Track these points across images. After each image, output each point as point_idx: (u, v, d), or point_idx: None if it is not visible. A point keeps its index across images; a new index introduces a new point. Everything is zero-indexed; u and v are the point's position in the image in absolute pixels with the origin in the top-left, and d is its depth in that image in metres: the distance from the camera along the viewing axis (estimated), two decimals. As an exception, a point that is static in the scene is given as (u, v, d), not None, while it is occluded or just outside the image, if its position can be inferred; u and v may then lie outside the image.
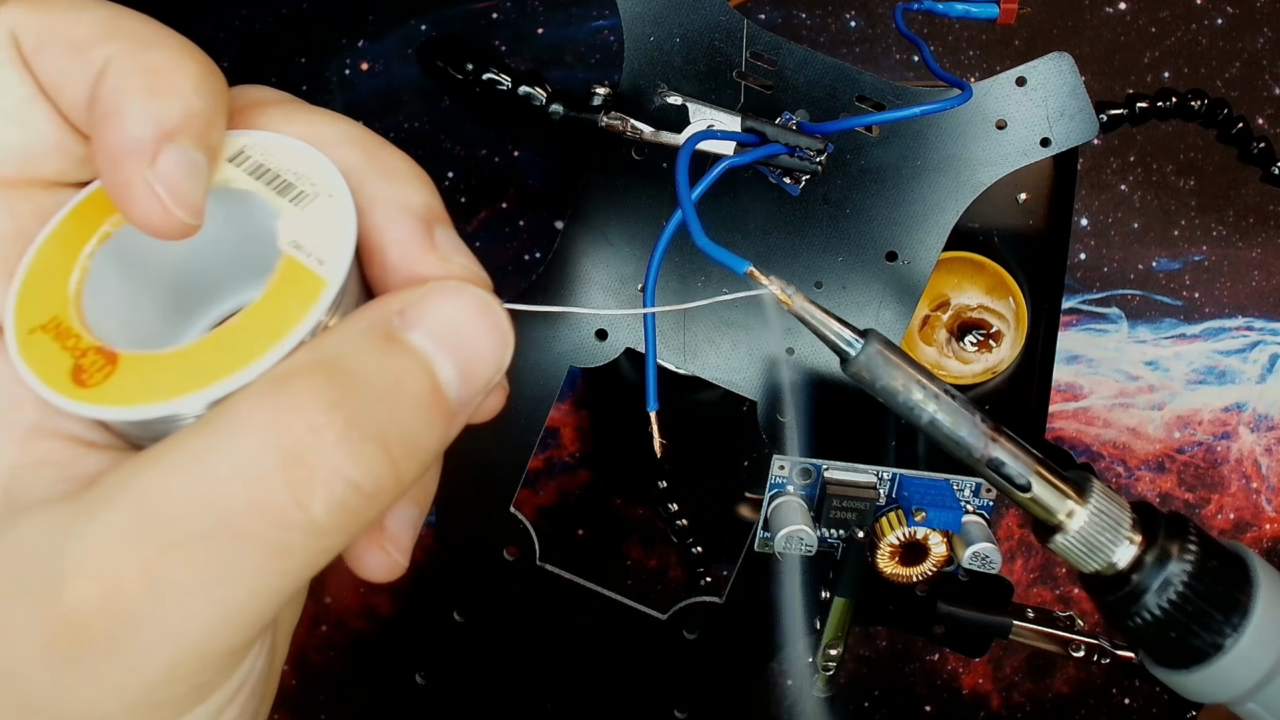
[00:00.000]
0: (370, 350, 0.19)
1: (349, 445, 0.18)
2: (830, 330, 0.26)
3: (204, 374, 0.19)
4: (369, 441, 0.18)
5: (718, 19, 0.36)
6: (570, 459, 0.61)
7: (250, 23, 0.58)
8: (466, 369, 0.20)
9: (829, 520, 0.37)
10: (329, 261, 0.20)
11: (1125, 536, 0.27)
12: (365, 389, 0.19)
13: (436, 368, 0.20)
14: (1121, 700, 0.60)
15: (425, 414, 0.19)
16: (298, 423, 0.18)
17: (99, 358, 0.19)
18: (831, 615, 0.39)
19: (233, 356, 0.19)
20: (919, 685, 0.61)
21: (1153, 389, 0.59)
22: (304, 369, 0.18)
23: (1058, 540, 0.27)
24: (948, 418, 0.26)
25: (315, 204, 0.21)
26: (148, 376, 0.19)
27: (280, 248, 0.21)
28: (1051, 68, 0.36)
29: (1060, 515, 0.27)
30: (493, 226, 0.59)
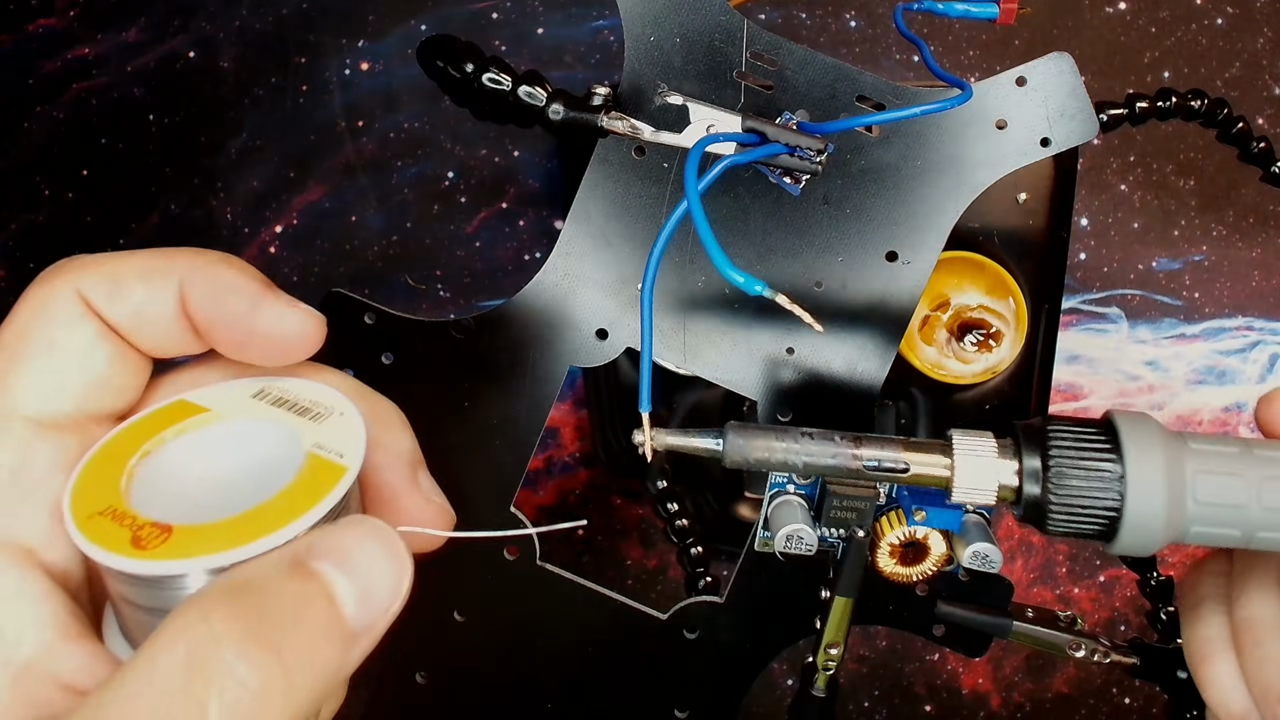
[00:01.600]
0: (279, 575, 0.22)
1: (244, 648, 0.20)
2: (697, 446, 0.30)
3: (250, 535, 0.22)
4: (263, 646, 0.20)
5: (718, 19, 0.36)
6: (570, 459, 0.61)
7: (250, 23, 0.58)
8: (364, 593, 0.22)
9: (829, 520, 0.37)
10: (348, 455, 0.25)
11: (998, 461, 0.29)
12: (268, 606, 0.21)
13: (335, 590, 0.22)
14: (1121, 700, 0.60)
15: (320, 624, 0.22)
16: (202, 631, 0.20)
17: (156, 530, 0.23)
18: (831, 615, 0.39)
19: (271, 523, 0.23)
20: (919, 685, 0.61)
21: (1153, 389, 0.59)
22: (219, 590, 0.21)
23: (954, 494, 0.30)
24: (815, 452, 0.30)
25: (329, 420, 0.26)
26: (198, 542, 0.22)
27: (305, 449, 0.25)
28: (1052, 68, 0.36)
29: (944, 475, 0.30)
30: (493, 226, 0.59)
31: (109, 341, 0.25)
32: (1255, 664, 0.32)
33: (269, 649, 0.20)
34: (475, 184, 0.59)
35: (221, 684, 0.20)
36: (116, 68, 0.58)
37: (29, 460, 0.24)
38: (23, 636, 0.23)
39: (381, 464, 0.28)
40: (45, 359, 0.25)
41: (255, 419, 0.27)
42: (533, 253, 0.59)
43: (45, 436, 0.25)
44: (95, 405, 0.25)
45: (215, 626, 0.20)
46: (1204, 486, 0.28)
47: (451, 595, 0.41)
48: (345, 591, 0.22)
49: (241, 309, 0.26)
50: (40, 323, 0.25)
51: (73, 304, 0.25)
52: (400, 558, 0.23)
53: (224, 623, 0.20)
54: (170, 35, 0.58)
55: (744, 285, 0.28)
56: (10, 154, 0.58)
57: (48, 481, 0.24)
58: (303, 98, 0.59)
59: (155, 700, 0.20)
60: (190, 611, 0.20)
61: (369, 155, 0.59)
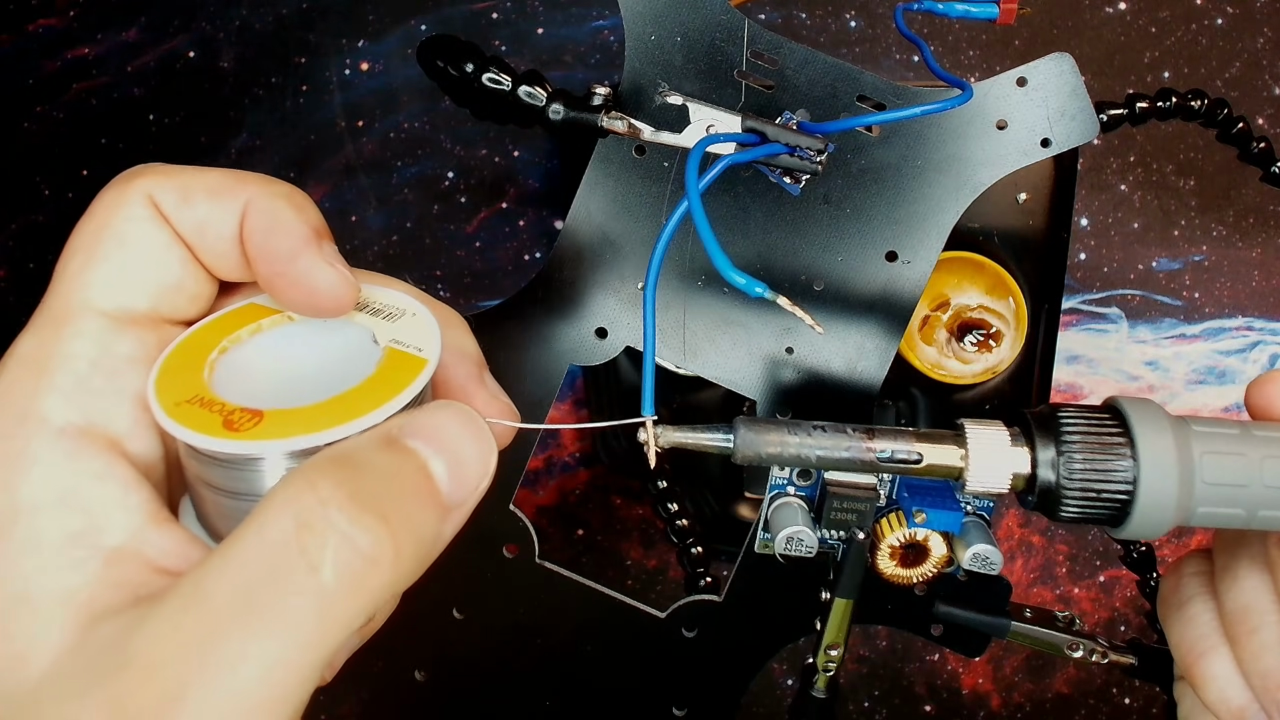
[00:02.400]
0: (375, 449, 0.23)
1: (352, 510, 0.21)
2: (706, 442, 0.29)
3: (340, 418, 0.23)
4: (369, 512, 0.21)
5: (719, 18, 0.36)
6: (570, 459, 0.61)
7: (250, 23, 0.58)
8: (455, 469, 0.24)
9: (829, 521, 0.37)
10: (425, 349, 0.26)
11: (1011, 449, 0.29)
12: (369, 474, 0.22)
13: (430, 464, 0.23)
14: (1121, 700, 0.60)
15: (420, 498, 0.23)
16: (310, 496, 0.21)
17: (246, 414, 0.23)
18: (832, 616, 0.39)
19: (361, 408, 0.23)
20: (919, 685, 0.61)
21: (1153, 389, 0.59)
22: (322, 460, 0.22)
23: (968, 484, 0.30)
24: (828, 445, 0.29)
25: (403, 319, 0.27)
26: (288, 425, 0.23)
27: (383, 344, 0.26)
28: (1052, 68, 0.36)
29: (958, 464, 0.30)
30: (493, 226, 0.59)
31: (179, 247, 0.26)
32: (1253, 653, 0.32)
33: (376, 514, 0.21)
34: (475, 184, 0.59)
35: (334, 544, 0.20)
36: (116, 68, 0.58)
37: (109, 352, 0.24)
38: (113, 519, 0.23)
39: (450, 363, 0.28)
40: (119, 255, 0.25)
41: (329, 318, 0.27)
42: (533, 253, 0.59)
43: (123, 330, 0.25)
44: (168, 307, 0.26)
45: (322, 492, 0.21)
46: (1211, 467, 0.28)
47: (451, 593, 0.41)
48: (438, 466, 0.23)
49: (283, 249, 0.26)
50: (114, 220, 0.25)
51: (144, 207, 0.25)
52: (486, 437, 0.24)
53: (331, 489, 0.21)
54: (170, 35, 0.58)
55: (745, 287, 0.28)
56: (10, 154, 0.58)
57: (129, 374, 0.25)
58: (303, 98, 0.59)
59: (268, 563, 0.20)
60: (296, 480, 0.21)
61: (369, 155, 0.59)
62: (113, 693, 0.20)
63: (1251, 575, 0.32)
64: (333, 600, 0.21)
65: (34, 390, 0.24)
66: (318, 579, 0.20)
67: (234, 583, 0.20)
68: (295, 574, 0.20)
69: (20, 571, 0.22)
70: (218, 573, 0.21)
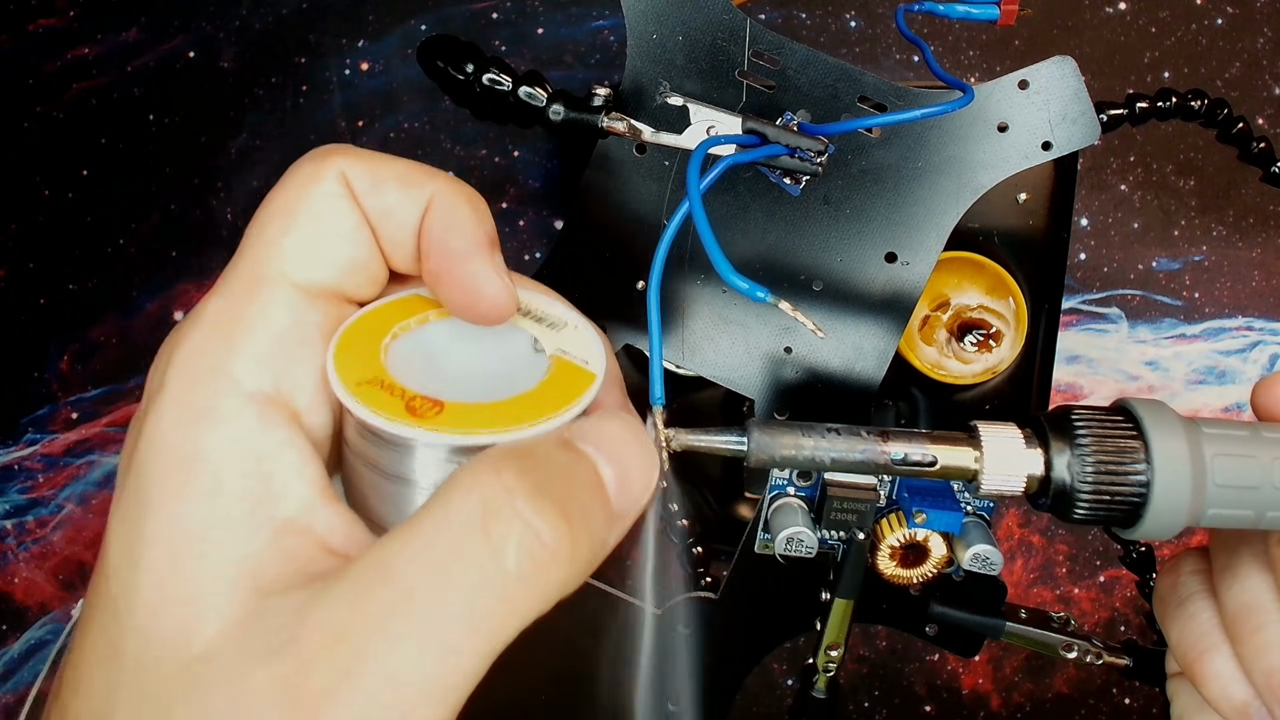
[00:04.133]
0: (553, 448, 0.23)
1: (536, 502, 0.21)
2: (720, 445, 0.29)
3: (519, 419, 0.24)
4: (552, 502, 0.22)
5: (720, 17, 0.36)
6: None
7: (250, 23, 0.58)
8: (623, 477, 0.24)
9: (829, 522, 0.37)
10: (592, 362, 0.27)
11: (1025, 451, 0.29)
12: (549, 468, 0.22)
13: (601, 468, 0.24)
14: (1121, 700, 0.60)
15: (594, 496, 0.23)
16: (495, 483, 0.21)
17: (428, 402, 0.24)
18: (832, 617, 0.39)
19: (536, 411, 0.24)
20: (919, 685, 0.61)
21: (1153, 389, 0.59)
22: (505, 451, 0.22)
23: (983, 486, 0.29)
24: (842, 448, 0.29)
25: (566, 330, 0.28)
26: (468, 419, 0.24)
27: (550, 352, 0.27)
28: (1054, 71, 0.36)
29: (973, 467, 0.29)
30: (493, 226, 0.59)
31: (366, 229, 0.26)
32: (1255, 650, 0.32)
33: (558, 508, 0.22)
34: (475, 184, 0.59)
35: (519, 532, 0.21)
36: (116, 68, 0.58)
37: (301, 321, 0.25)
38: (289, 489, 0.23)
39: (606, 381, 0.29)
40: (314, 228, 0.25)
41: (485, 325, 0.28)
42: (532, 253, 0.59)
43: (312, 302, 0.25)
44: (351, 286, 0.26)
45: (507, 480, 0.21)
46: (1222, 469, 0.29)
47: None
48: (608, 473, 0.24)
49: (458, 248, 0.26)
50: (310, 194, 0.25)
51: (338, 184, 0.26)
52: (652, 451, 0.25)
53: (515, 478, 0.21)
54: (170, 35, 0.58)
55: (747, 291, 0.28)
56: (10, 154, 0.58)
57: (315, 346, 0.25)
58: (303, 98, 0.59)
59: (452, 544, 0.21)
60: (481, 467, 0.22)
61: (369, 155, 0.59)
62: (286, 667, 0.20)
63: (1253, 574, 0.32)
64: (515, 588, 0.21)
65: (227, 350, 0.24)
66: (501, 565, 0.21)
67: (418, 563, 0.21)
68: (480, 558, 0.21)
69: (199, 520, 0.22)
70: (400, 551, 0.21)
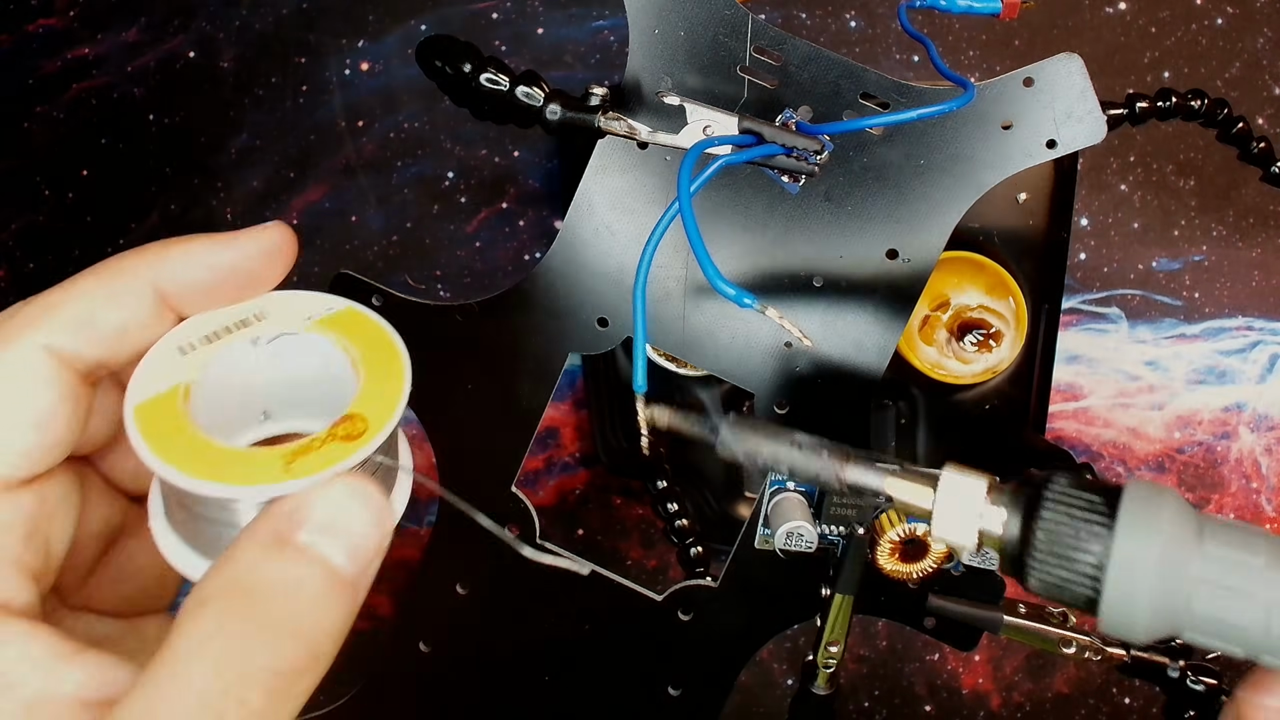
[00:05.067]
0: (271, 562, 0.23)
1: (272, 648, 0.22)
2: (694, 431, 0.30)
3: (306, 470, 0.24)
4: (283, 638, 0.22)
5: (723, 13, 0.36)
6: (570, 459, 0.61)
7: (250, 23, 0.58)
8: (353, 549, 0.24)
9: (829, 517, 0.37)
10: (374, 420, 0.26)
11: (986, 506, 0.27)
12: (273, 601, 0.22)
13: (327, 556, 0.23)
14: (1121, 700, 0.60)
15: (326, 600, 0.23)
16: (228, 645, 0.21)
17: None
18: (832, 612, 0.39)
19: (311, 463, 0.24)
20: (919, 685, 0.60)
21: (1153, 389, 0.59)
22: (222, 595, 0.22)
23: (933, 532, 0.28)
24: (800, 462, 0.29)
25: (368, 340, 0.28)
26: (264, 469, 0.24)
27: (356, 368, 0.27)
28: (1060, 69, 0.36)
29: (927, 508, 0.28)
30: (493, 226, 0.59)
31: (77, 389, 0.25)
32: None
33: (293, 636, 0.22)
34: (475, 184, 0.59)
35: (262, 683, 0.22)
36: (116, 68, 0.58)
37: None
38: (22, 675, 0.23)
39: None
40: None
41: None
42: (532, 253, 0.59)
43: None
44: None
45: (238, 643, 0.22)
46: (1205, 598, 0.25)
47: (455, 569, 0.41)
48: (336, 553, 0.24)
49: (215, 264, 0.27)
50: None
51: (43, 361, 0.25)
52: (375, 504, 0.24)
53: (244, 636, 0.22)
54: (170, 35, 0.58)
55: (734, 298, 0.28)
56: (10, 154, 0.58)
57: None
58: (303, 98, 0.59)
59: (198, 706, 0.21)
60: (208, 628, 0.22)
61: (369, 155, 0.59)
62: None
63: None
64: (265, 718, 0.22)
65: None
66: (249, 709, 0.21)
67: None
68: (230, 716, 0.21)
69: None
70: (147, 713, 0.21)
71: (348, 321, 0.28)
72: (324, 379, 0.28)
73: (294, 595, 0.23)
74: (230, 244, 0.27)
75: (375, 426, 0.25)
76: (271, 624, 0.22)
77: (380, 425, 0.26)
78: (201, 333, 0.27)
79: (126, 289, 0.26)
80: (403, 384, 0.27)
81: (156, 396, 0.25)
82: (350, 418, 0.26)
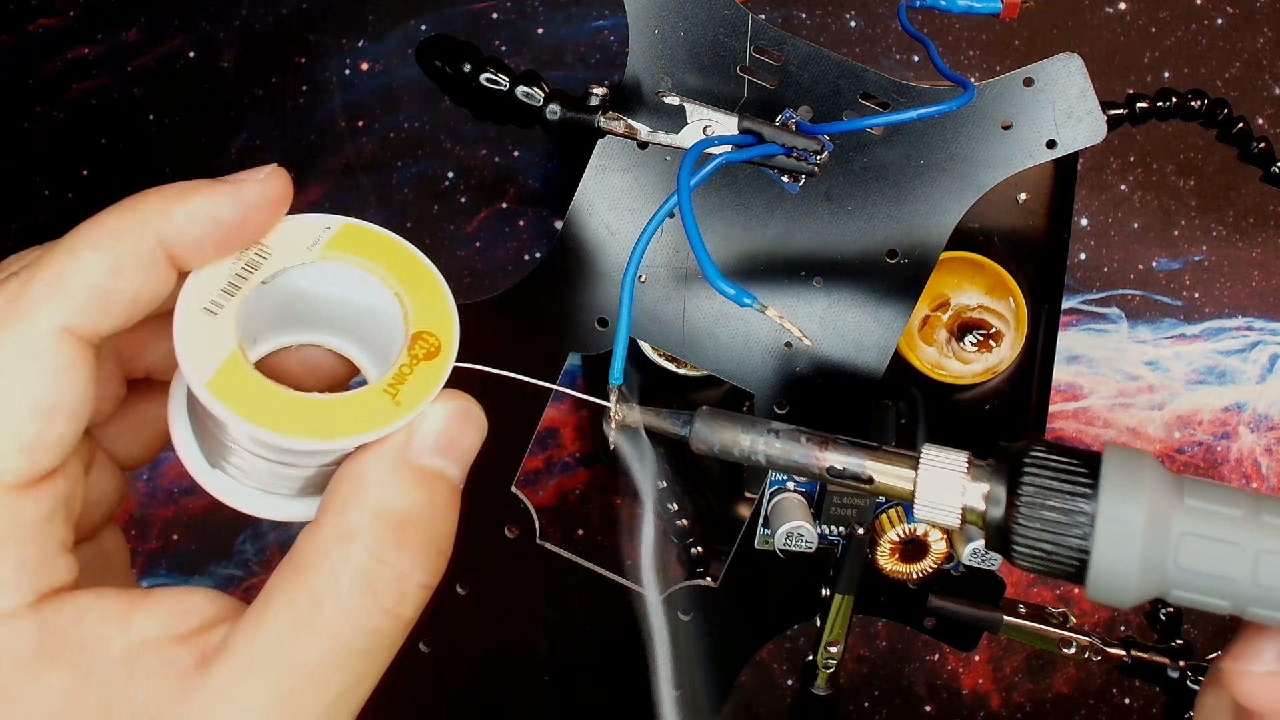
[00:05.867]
0: (405, 489, 0.25)
1: (422, 567, 0.25)
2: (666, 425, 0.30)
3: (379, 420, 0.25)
4: (432, 556, 0.25)
5: (723, 13, 0.36)
6: (570, 459, 0.61)
7: (250, 23, 0.58)
8: (464, 461, 0.26)
9: (829, 517, 0.37)
10: (441, 328, 0.27)
11: (966, 483, 0.27)
12: (421, 527, 0.25)
13: (449, 474, 0.26)
14: (1121, 700, 0.60)
15: (452, 509, 0.26)
16: (386, 573, 0.24)
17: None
18: (832, 612, 0.39)
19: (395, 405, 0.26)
20: (919, 685, 0.60)
21: (1153, 389, 0.59)
22: (371, 527, 0.24)
23: (916, 512, 0.28)
24: (779, 449, 0.29)
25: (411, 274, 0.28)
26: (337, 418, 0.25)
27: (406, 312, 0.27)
28: (1060, 69, 0.36)
29: (908, 489, 0.28)
30: (493, 226, 0.59)
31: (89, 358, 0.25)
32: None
33: (436, 551, 0.25)
34: (475, 184, 0.59)
35: (415, 595, 0.25)
36: (116, 68, 0.58)
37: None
38: (102, 636, 0.23)
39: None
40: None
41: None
42: (532, 253, 0.59)
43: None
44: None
45: (398, 566, 0.24)
46: (1189, 551, 0.25)
47: (455, 568, 0.41)
48: (454, 470, 0.26)
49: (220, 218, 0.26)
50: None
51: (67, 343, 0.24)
52: (479, 421, 0.27)
53: (398, 559, 0.24)
54: (170, 35, 0.58)
55: (734, 298, 0.28)
56: (10, 154, 0.58)
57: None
58: (303, 98, 0.59)
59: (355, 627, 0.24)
60: (363, 555, 0.24)
61: (369, 155, 0.59)
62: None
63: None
64: (409, 625, 0.25)
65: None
66: (402, 620, 0.25)
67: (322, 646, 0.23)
68: (382, 627, 0.24)
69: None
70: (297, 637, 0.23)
71: (352, 238, 0.28)
72: (347, 300, 0.28)
73: (434, 517, 0.25)
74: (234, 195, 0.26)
75: (445, 339, 0.27)
76: (423, 547, 0.25)
77: (449, 336, 0.27)
78: (218, 286, 0.26)
79: (135, 255, 0.25)
80: (441, 287, 0.28)
81: (221, 368, 0.25)
82: (421, 336, 0.27)
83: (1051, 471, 0.26)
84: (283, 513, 0.27)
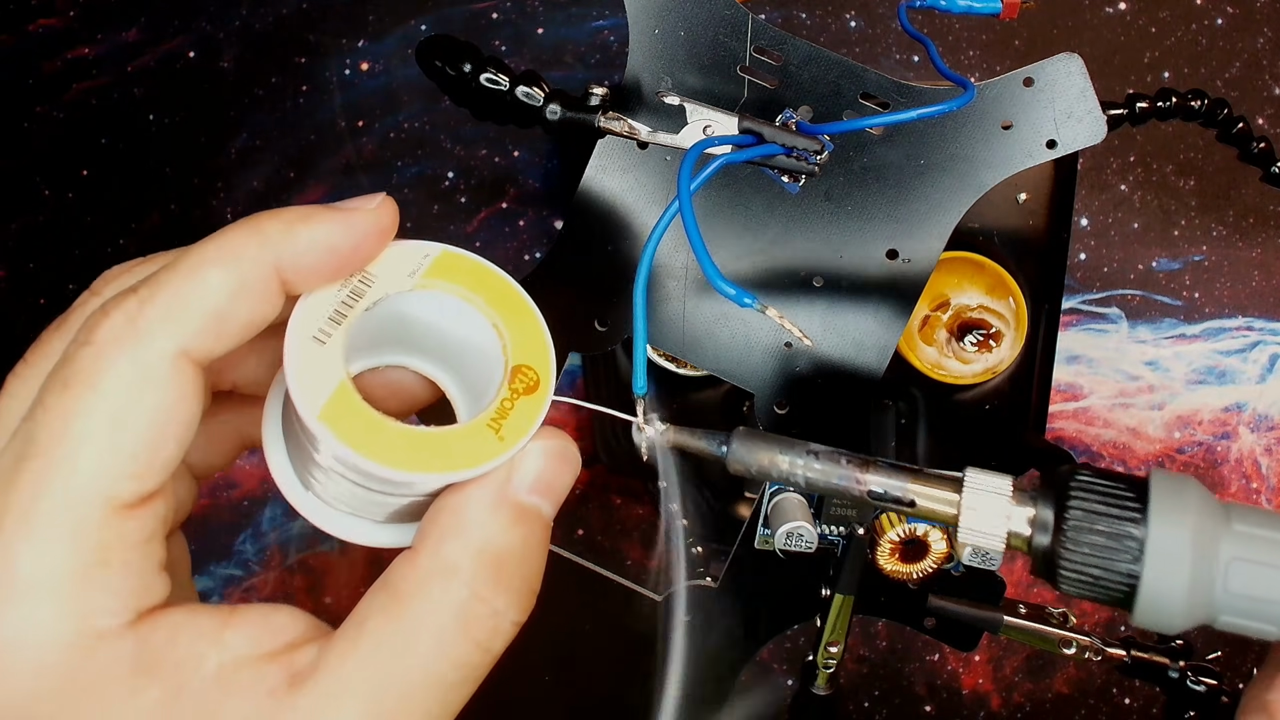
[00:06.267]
0: (504, 527, 0.26)
1: (516, 605, 0.25)
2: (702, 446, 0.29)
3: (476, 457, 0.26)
4: (525, 594, 0.26)
5: (723, 13, 0.36)
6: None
7: (250, 23, 0.58)
8: (558, 500, 0.27)
9: (829, 517, 0.37)
10: (538, 363, 0.28)
11: (1012, 507, 0.27)
12: (513, 563, 0.25)
13: (545, 512, 0.26)
14: (1121, 700, 0.60)
15: (545, 548, 0.26)
16: (482, 609, 0.25)
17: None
18: (832, 612, 0.39)
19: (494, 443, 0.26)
20: (919, 685, 0.60)
21: (1153, 389, 0.59)
22: (471, 564, 0.25)
23: (959, 537, 0.27)
24: (819, 471, 0.28)
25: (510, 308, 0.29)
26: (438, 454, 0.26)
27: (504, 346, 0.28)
28: (1060, 69, 0.36)
29: (952, 513, 0.27)
30: (493, 226, 0.59)
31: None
32: None
33: (529, 591, 0.26)
34: (475, 184, 0.59)
35: (506, 632, 0.25)
36: (116, 68, 0.58)
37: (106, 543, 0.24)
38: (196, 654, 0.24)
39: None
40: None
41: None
42: (532, 253, 0.59)
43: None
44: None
45: (494, 604, 0.25)
46: (1238, 576, 0.25)
47: None
48: (549, 508, 0.27)
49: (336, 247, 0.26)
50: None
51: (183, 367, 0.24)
52: (575, 461, 0.27)
53: (496, 598, 0.25)
54: (170, 35, 0.58)
55: (734, 298, 0.28)
56: (10, 154, 0.58)
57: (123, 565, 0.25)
58: (303, 98, 0.59)
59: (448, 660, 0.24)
60: (462, 592, 0.25)
61: (369, 155, 0.59)
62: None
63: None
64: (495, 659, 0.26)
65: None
66: (492, 654, 0.25)
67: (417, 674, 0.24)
68: (474, 661, 0.25)
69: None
70: (392, 664, 0.24)
71: (450, 266, 0.28)
72: (445, 328, 0.28)
73: (528, 555, 0.26)
74: (348, 223, 0.26)
75: (543, 373, 0.27)
76: (518, 586, 0.25)
77: (546, 370, 0.27)
78: (325, 314, 0.26)
79: (255, 280, 0.25)
80: (536, 318, 0.28)
81: (330, 399, 0.25)
82: (520, 370, 0.27)
83: (1099, 496, 0.26)
84: (371, 538, 0.28)
